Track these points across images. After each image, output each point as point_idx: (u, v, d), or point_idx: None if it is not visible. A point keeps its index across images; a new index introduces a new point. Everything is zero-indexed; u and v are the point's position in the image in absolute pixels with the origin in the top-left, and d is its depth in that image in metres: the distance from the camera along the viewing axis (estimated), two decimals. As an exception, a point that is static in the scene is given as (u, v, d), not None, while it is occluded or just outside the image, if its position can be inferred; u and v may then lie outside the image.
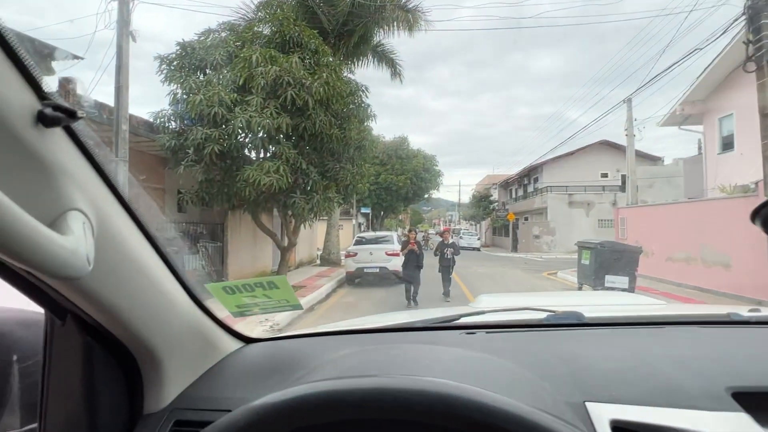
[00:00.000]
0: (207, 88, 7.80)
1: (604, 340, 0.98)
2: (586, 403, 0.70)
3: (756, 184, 8.55)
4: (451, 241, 9.27)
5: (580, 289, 10.57)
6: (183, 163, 7.92)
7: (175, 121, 8.33)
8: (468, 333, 1.05)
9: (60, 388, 0.73)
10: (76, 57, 5.91)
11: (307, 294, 9.49)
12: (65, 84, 6.45)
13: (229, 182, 8.28)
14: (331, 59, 9.19)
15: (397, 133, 55.89)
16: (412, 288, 8.61)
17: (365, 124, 10.06)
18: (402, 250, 9.06)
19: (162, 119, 8.18)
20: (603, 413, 0.67)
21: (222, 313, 1.00)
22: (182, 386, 0.85)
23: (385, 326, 1.21)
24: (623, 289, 9.20)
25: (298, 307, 1.00)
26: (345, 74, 10.22)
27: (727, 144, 13.20)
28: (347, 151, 9.39)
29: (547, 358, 0.85)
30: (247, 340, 1.09)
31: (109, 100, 6.77)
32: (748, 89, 9.26)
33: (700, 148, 15.47)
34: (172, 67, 8.34)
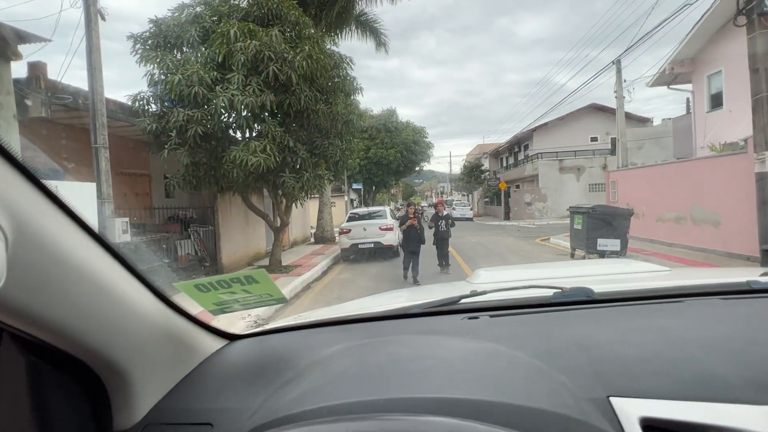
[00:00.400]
0: (185, 67, 7.50)
1: (620, 320, 0.90)
2: (611, 399, 0.62)
3: (745, 141, 8.55)
4: (445, 213, 9.13)
5: (573, 253, 10.70)
6: (166, 146, 7.69)
7: (155, 103, 8.04)
8: (470, 317, 0.98)
9: (3, 417, 0.64)
10: (42, 39, 5.59)
11: (303, 272, 9.51)
12: (35, 70, 6.15)
13: (216, 164, 8.09)
14: (312, 31, 8.85)
15: (385, 105, 55.05)
16: (412, 265, 8.47)
17: (352, 97, 9.80)
18: (401, 225, 8.77)
19: (141, 102, 7.89)
20: (631, 410, 0.60)
21: (198, 310, 0.92)
22: (157, 397, 0.77)
23: (378, 314, 1.12)
24: (615, 252, 9.33)
25: (282, 300, 0.92)
26: (328, 46, 9.89)
27: (716, 102, 13.15)
28: (335, 127, 9.19)
29: (560, 345, 0.78)
30: (230, 338, 1.01)
31: (84, 85, 6.50)
32: (738, 44, 9.13)
33: (689, 107, 15.39)
34: (147, 47, 7.99)
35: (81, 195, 5.58)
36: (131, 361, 0.71)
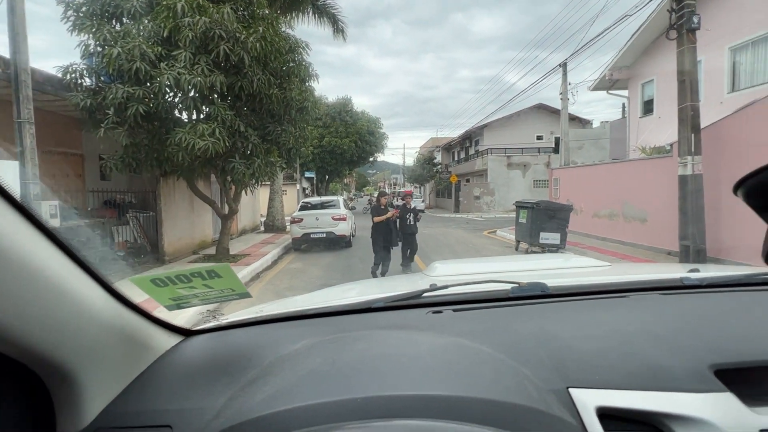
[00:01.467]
0: (125, 39, 6.94)
1: (574, 314, 0.96)
2: (570, 390, 0.67)
3: (671, 145, 9.35)
4: (413, 205, 8.37)
5: (517, 245, 11.24)
6: (103, 125, 7.11)
7: (89, 77, 7.38)
8: (434, 312, 1.00)
9: None
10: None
11: (252, 262, 9.25)
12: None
13: (159, 146, 7.60)
14: (267, 12, 8.51)
15: (341, 93, 54.27)
16: (381, 267, 7.65)
17: (307, 84, 9.56)
18: (374, 217, 7.76)
19: (73, 75, 7.21)
20: (588, 400, 0.64)
21: (151, 305, 0.86)
22: (107, 400, 0.72)
23: (341, 308, 1.10)
24: (555, 245, 9.91)
25: (245, 295, 0.88)
26: (283, 29, 9.56)
27: (648, 108, 14.25)
28: (288, 113, 8.94)
29: (521, 338, 0.82)
30: (186, 333, 0.96)
31: (4, 52, 5.83)
32: (669, 57, 9.92)
33: (624, 111, 16.57)
34: (81, 14, 7.29)
35: (2, 174, 5.03)
36: (77, 361, 0.65)
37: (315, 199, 13.48)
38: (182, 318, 4.58)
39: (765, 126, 7.35)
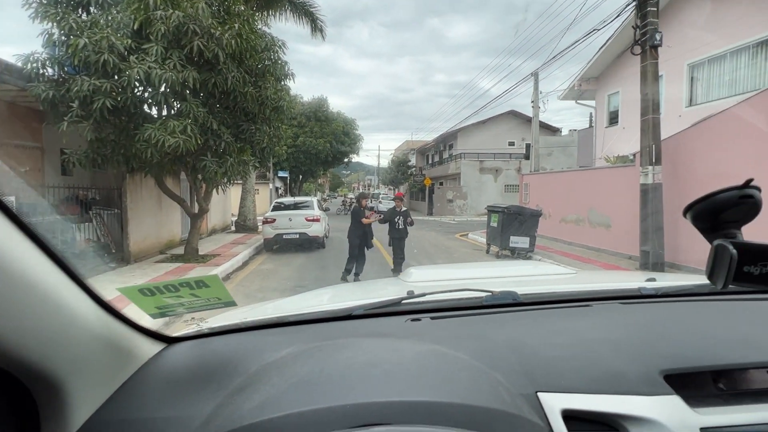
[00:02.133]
0: (92, 30, 6.68)
1: (542, 322, 1.02)
2: (538, 394, 0.72)
3: (634, 155, 9.81)
4: (403, 208, 7.93)
5: (488, 249, 11.48)
6: (66, 118, 6.80)
7: (52, 67, 7.05)
8: (413, 319, 1.04)
9: None
10: None
11: (222, 262, 9.06)
12: None
13: (127, 142, 7.34)
14: (243, 8, 8.38)
15: (316, 93, 53.81)
16: (355, 267, 7.63)
17: (282, 83, 9.47)
18: (354, 219, 7.64)
19: (35, 64, 6.87)
20: (554, 403, 0.70)
21: (132, 312, 0.86)
22: (92, 409, 0.71)
23: (321, 315, 1.13)
24: (525, 249, 10.19)
25: (231, 303, 0.89)
26: (260, 26, 9.43)
27: (614, 118, 14.89)
28: (263, 112, 8.82)
29: (494, 345, 0.87)
30: (169, 340, 0.96)
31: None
32: (633, 70, 10.42)
33: (591, 121, 17.23)
34: (45, 1, 6.97)
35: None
36: (64, 370, 0.64)
37: (288, 200, 13.34)
38: (160, 322, 4.45)
39: (718, 139, 7.84)
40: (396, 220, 7.76)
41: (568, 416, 0.69)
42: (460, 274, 1.76)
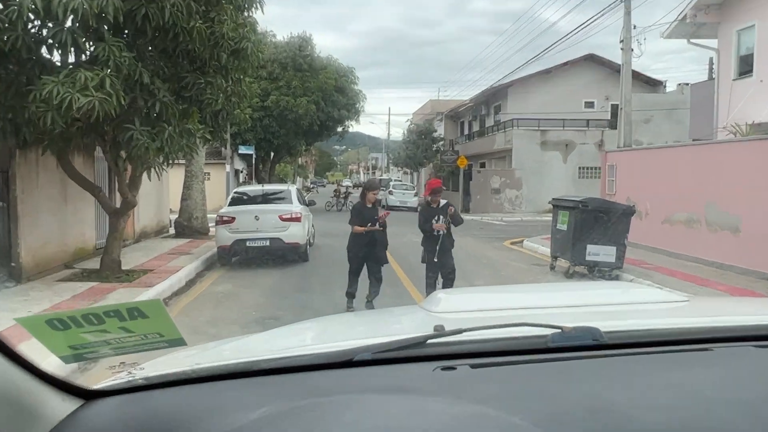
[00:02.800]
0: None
1: (639, 373, 1.01)
2: None
3: (777, 122, 9.70)
4: (442, 202, 7.54)
5: (553, 264, 11.46)
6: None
7: None
8: (445, 368, 1.04)
9: None
10: None
11: (156, 282, 9.19)
12: None
13: (15, 103, 7.46)
14: None
15: (295, 29, 53.87)
16: (371, 288, 7.61)
17: (245, 14, 9.55)
18: (358, 223, 7.55)
19: None
20: None
21: (33, 352, 0.86)
22: None
23: (313, 358, 1.12)
24: (609, 264, 10.14)
25: (179, 342, 0.91)
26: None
27: (746, 66, 14.72)
28: (217, 57, 8.90)
29: (567, 407, 0.87)
30: (87, 395, 0.97)
31: None
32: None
33: (712, 70, 17.06)
34: None
35: None
36: None
37: (254, 189, 13.43)
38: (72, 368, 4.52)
39: None
40: (435, 219, 7.35)
41: None
42: (511, 301, 1.77)
